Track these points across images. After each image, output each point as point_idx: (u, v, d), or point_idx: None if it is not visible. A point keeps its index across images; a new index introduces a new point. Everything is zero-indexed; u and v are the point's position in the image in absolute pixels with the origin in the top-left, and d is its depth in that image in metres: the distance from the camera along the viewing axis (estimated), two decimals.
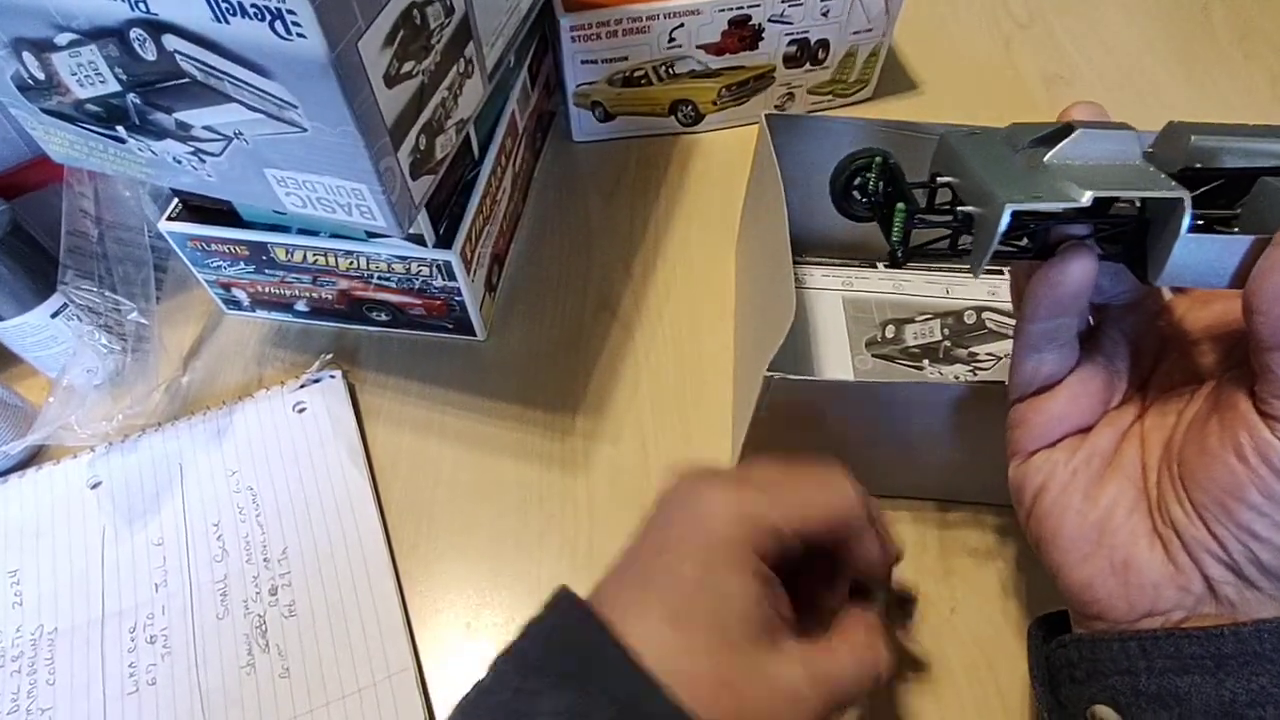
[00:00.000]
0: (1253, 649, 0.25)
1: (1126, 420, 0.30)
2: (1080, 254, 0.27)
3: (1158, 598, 0.27)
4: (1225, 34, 0.70)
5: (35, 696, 0.40)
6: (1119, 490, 0.29)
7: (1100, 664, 0.28)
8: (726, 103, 0.63)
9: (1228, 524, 0.25)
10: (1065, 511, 0.29)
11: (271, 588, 0.43)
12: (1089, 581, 0.28)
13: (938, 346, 0.49)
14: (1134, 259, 0.28)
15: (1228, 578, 0.26)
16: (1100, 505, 0.29)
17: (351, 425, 0.49)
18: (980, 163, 0.27)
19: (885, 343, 0.49)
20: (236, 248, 0.48)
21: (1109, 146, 0.27)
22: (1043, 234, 0.28)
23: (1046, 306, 0.28)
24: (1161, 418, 0.29)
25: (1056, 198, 0.25)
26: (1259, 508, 0.24)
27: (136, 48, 0.32)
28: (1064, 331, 0.29)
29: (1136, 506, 0.28)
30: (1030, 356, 0.30)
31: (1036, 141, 0.28)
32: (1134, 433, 0.30)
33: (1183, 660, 0.26)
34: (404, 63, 0.34)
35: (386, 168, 0.34)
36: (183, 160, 0.37)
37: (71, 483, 0.47)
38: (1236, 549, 0.25)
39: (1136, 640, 0.27)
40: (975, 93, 0.67)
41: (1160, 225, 0.26)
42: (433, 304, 0.50)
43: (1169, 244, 0.25)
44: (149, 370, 0.49)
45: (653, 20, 0.56)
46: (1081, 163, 0.27)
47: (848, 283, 0.52)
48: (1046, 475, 0.30)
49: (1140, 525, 0.28)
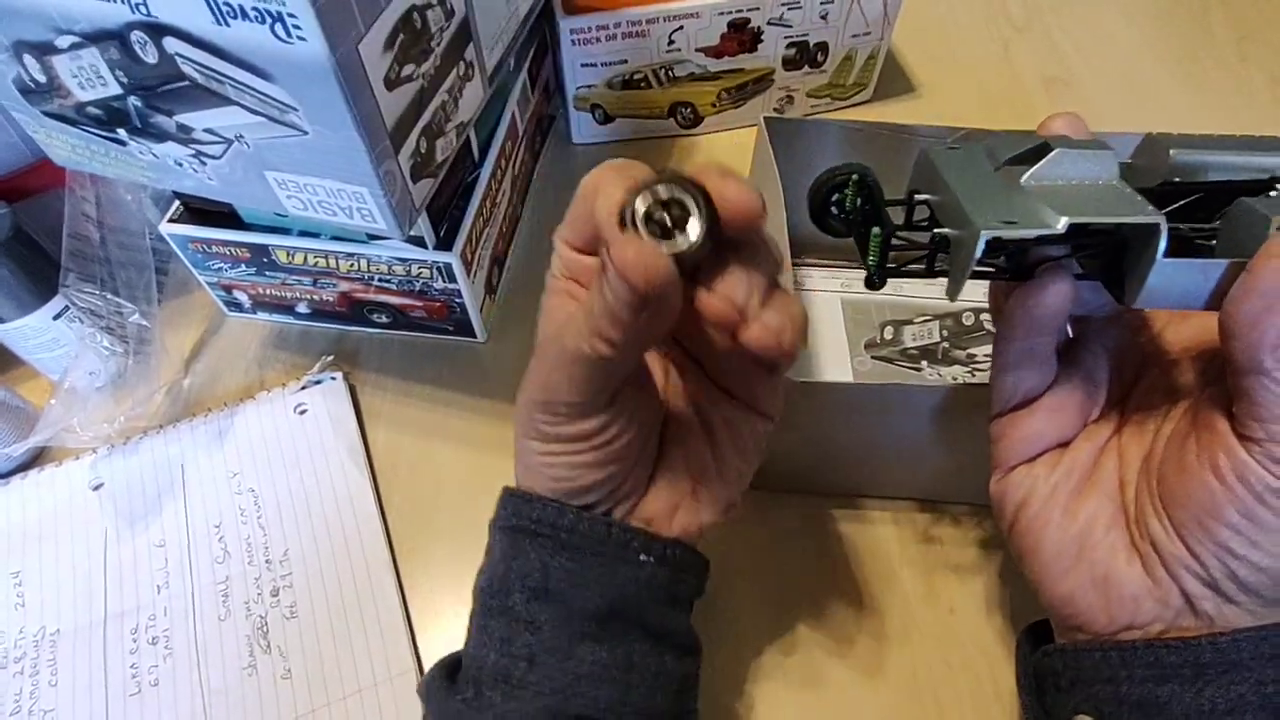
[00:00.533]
0: (1231, 658, 0.25)
1: (1105, 434, 0.30)
2: (1057, 277, 0.27)
3: (1137, 610, 0.27)
4: (1223, 36, 0.70)
5: (38, 698, 0.40)
6: (1098, 505, 0.29)
7: (1083, 673, 0.28)
8: (725, 105, 0.63)
9: (1206, 542, 0.25)
10: (1045, 526, 0.30)
11: (273, 589, 0.43)
12: (1070, 595, 0.29)
13: (936, 348, 0.49)
14: (1111, 279, 0.27)
15: (1205, 593, 0.26)
16: (1079, 520, 0.29)
17: (352, 427, 0.49)
18: (958, 181, 0.27)
19: (884, 344, 0.49)
20: (237, 250, 0.48)
21: (1087, 166, 0.27)
22: (1019, 255, 0.28)
23: (1024, 327, 0.28)
24: (1140, 433, 0.29)
25: (1032, 223, 0.25)
26: (1236, 527, 0.25)
27: (137, 50, 0.32)
28: (1042, 349, 0.29)
29: (1115, 521, 0.28)
30: (1009, 374, 0.30)
31: (1016, 159, 0.28)
32: (1112, 447, 0.30)
33: (1162, 669, 0.26)
34: (404, 66, 0.34)
35: (387, 170, 0.35)
36: (184, 163, 0.37)
37: (74, 484, 0.47)
38: (1214, 566, 0.25)
39: (1118, 650, 0.27)
40: (974, 95, 0.67)
41: (1137, 249, 0.26)
42: (433, 306, 0.50)
43: (1145, 268, 0.25)
44: (150, 372, 0.49)
45: (652, 23, 0.56)
46: (1059, 183, 0.27)
47: (846, 284, 0.52)
48: (1027, 491, 0.30)
49: (1119, 539, 0.28)
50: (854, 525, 0.44)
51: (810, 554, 0.43)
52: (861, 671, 0.40)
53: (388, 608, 0.42)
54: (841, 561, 0.43)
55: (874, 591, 0.42)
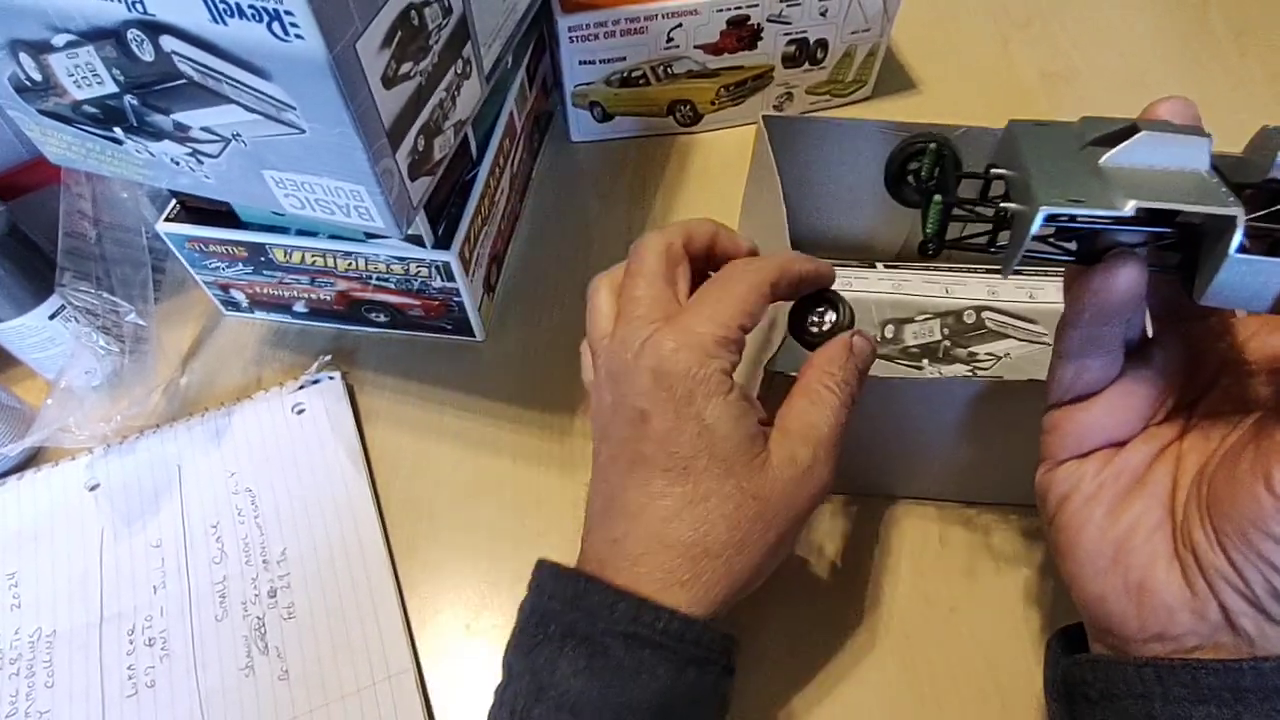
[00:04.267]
0: (1274, 684, 0.24)
1: (1166, 438, 0.29)
2: (1125, 263, 0.26)
3: (1170, 621, 0.26)
4: (1223, 31, 0.70)
5: (34, 699, 0.40)
6: (1144, 509, 0.28)
7: (1114, 687, 0.27)
8: (725, 103, 0.63)
9: (1248, 553, 0.24)
10: (1085, 524, 0.29)
11: (270, 589, 0.43)
12: (1102, 596, 0.28)
13: (937, 346, 0.48)
14: (1186, 273, 0.26)
15: (1245, 609, 0.25)
16: (1122, 522, 0.28)
17: (350, 426, 0.48)
18: (1036, 158, 0.26)
19: (885, 343, 0.48)
20: (235, 249, 0.48)
21: (1174, 152, 0.25)
22: (1090, 239, 0.27)
23: (1089, 313, 0.27)
24: (1203, 441, 0.28)
25: (1098, 203, 0.24)
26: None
27: (134, 49, 0.32)
28: (1107, 340, 0.28)
29: (1160, 527, 0.27)
30: (1070, 362, 0.29)
31: (1102, 140, 0.26)
32: (1171, 452, 0.29)
33: (1199, 691, 0.25)
34: (402, 64, 0.34)
35: (385, 169, 0.34)
36: (180, 162, 0.37)
37: (70, 485, 0.47)
38: (1256, 580, 0.24)
39: (1153, 667, 0.26)
40: (973, 92, 0.66)
41: (1212, 241, 0.24)
42: (431, 305, 0.49)
43: (1218, 261, 0.24)
44: (147, 372, 0.49)
45: (651, 20, 0.56)
46: (1142, 167, 0.25)
47: (847, 283, 0.52)
48: (1071, 486, 0.30)
49: (1161, 546, 0.27)
50: (857, 520, 0.44)
51: (811, 549, 0.43)
52: (860, 667, 0.40)
53: (386, 608, 0.42)
54: (842, 555, 0.43)
55: (874, 586, 0.42)
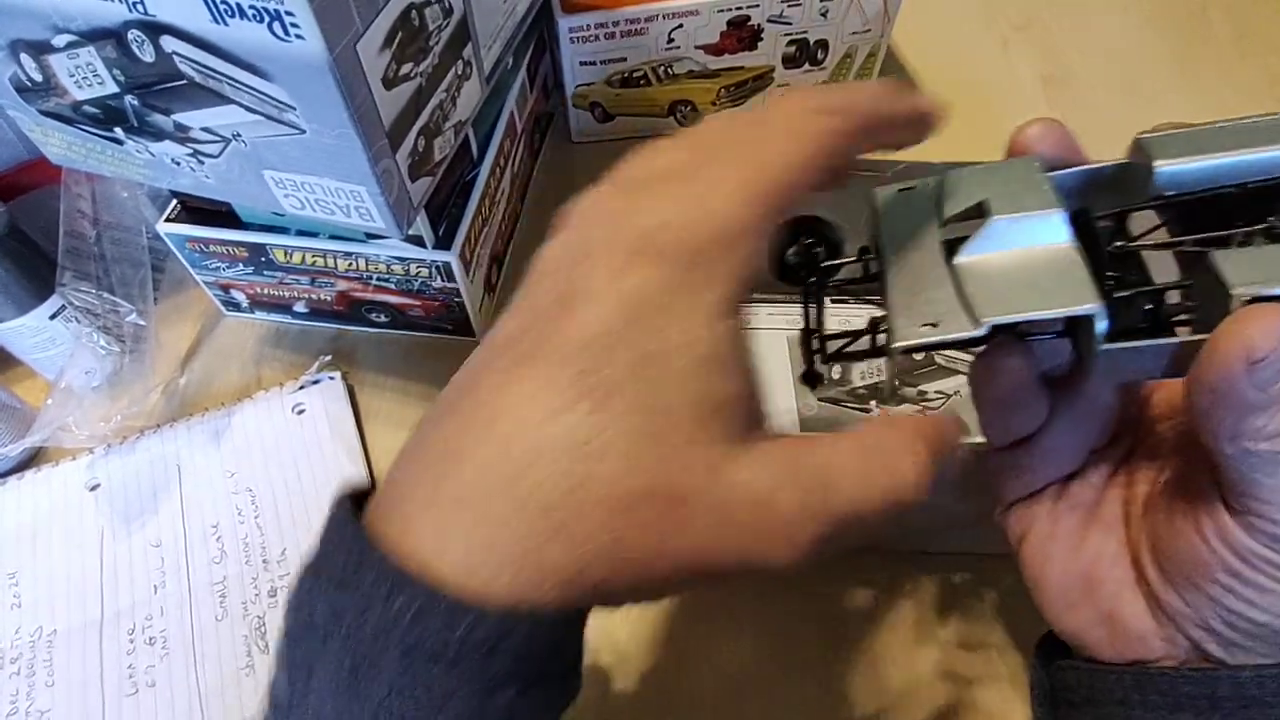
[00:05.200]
0: (1250, 694, 0.24)
1: (1111, 464, 0.29)
2: (1008, 353, 0.26)
3: (1145, 647, 0.26)
4: (1223, 34, 0.70)
5: (34, 698, 0.40)
6: (1102, 540, 0.28)
7: (1096, 692, 0.28)
8: (725, 103, 0.63)
9: (1199, 596, 0.25)
10: (1048, 561, 0.29)
11: (270, 589, 0.43)
12: (1077, 629, 0.28)
13: (885, 386, 0.46)
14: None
15: (1209, 640, 0.25)
16: (1084, 556, 0.28)
17: (350, 426, 0.48)
18: (893, 249, 0.26)
19: (831, 384, 0.45)
20: (235, 249, 0.48)
21: (1030, 229, 0.24)
22: None
23: (983, 397, 0.28)
24: (1147, 468, 0.28)
25: (953, 326, 0.23)
26: (1228, 586, 0.24)
27: (134, 49, 0.32)
28: (1021, 400, 0.27)
29: (1120, 558, 0.28)
30: (993, 422, 0.29)
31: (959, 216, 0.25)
32: (1119, 480, 0.29)
33: (1176, 698, 0.25)
34: (402, 64, 0.34)
35: (385, 169, 0.34)
36: (181, 162, 0.37)
37: (70, 485, 0.47)
38: (1212, 618, 0.25)
39: (1132, 675, 0.26)
40: (972, 94, 0.66)
41: (1084, 332, 0.24)
42: (432, 305, 0.50)
43: (1092, 353, 0.23)
44: (147, 371, 0.49)
45: (651, 21, 0.56)
46: (998, 260, 0.24)
47: (793, 321, 0.46)
48: (1026, 526, 0.30)
49: (1124, 575, 0.27)
50: None
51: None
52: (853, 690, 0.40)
53: None
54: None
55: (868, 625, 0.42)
